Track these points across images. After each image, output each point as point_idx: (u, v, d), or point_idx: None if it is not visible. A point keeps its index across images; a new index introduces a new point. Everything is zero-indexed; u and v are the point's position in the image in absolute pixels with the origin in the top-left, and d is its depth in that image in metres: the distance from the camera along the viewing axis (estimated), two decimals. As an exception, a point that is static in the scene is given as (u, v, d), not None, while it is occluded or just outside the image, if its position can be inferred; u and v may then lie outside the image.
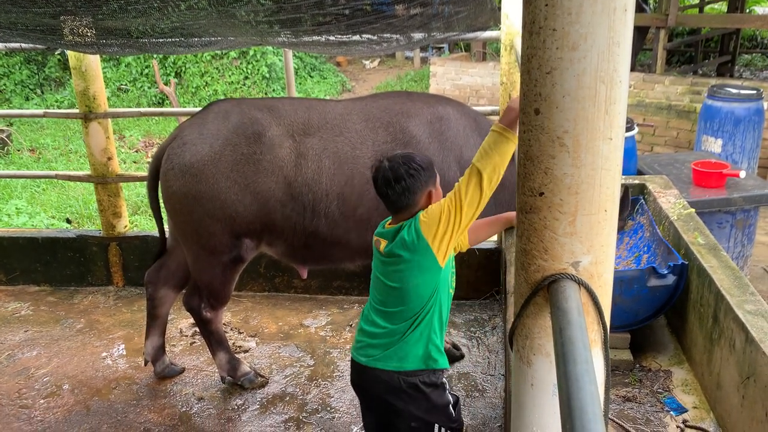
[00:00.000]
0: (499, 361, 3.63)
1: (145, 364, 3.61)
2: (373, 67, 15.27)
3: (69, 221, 7.00)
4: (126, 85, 12.52)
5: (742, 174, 4.42)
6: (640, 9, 10.20)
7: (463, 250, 2.52)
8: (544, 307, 1.53)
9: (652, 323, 2.95)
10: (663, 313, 2.87)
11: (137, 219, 6.93)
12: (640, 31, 10.41)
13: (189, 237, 3.20)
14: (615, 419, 2.45)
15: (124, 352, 3.88)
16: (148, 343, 3.55)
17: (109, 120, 4.48)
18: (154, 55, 11.27)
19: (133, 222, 6.58)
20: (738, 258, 4.42)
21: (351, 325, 4.05)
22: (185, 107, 11.38)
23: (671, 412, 2.48)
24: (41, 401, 3.44)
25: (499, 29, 3.86)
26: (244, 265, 3.28)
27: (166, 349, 3.67)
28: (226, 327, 3.97)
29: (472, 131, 3.29)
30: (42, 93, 12.71)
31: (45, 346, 3.96)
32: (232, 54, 12.34)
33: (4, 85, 12.55)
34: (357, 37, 3.34)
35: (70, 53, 4.25)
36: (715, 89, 6.83)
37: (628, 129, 5.15)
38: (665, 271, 2.70)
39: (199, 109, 3.39)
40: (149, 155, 9.52)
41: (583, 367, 1.20)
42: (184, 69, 12.48)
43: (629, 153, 4.95)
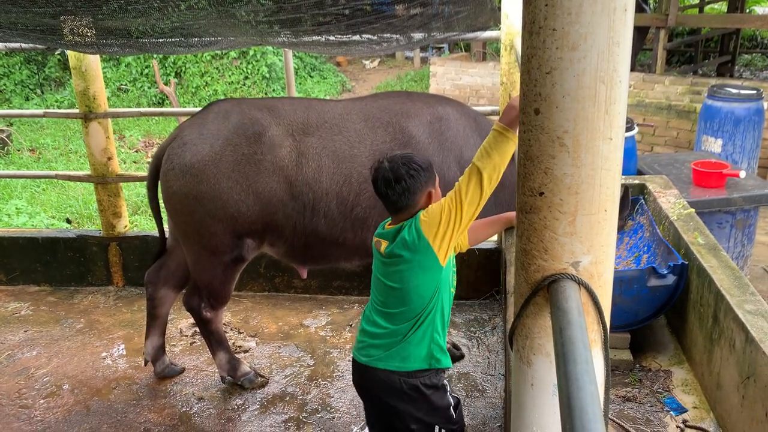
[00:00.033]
0: (499, 361, 3.63)
1: (145, 364, 3.61)
2: (373, 67, 15.27)
3: (69, 221, 7.00)
4: (126, 85, 12.52)
5: (742, 174, 4.42)
6: (640, 9, 10.20)
7: (463, 251, 2.52)
8: (544, 307, 1.53)
9: (652, 323, 2.95)
10: (663, 313, 2.87)
11: (137, 219, 6.93)
12: (640, 31, 10.41)
13: (190, 237, 3.20)
14: (615, 419, 2.45)
15: (124, 352, 3.88)
16: (148, 343, 3.56)
17: (109, 120, 4.49)
18: (154, 55, 11.27)
19: (133, 222, 6.58)
20: (738, 258, 4.42)
21: (351, 325, 4.05)
22: (185, 107, 11.38)
23: (671, 412, 2.48)
24: (41, 401, 3.44)
25: (499, 29, 3.85)
26: (245, 265, 3.28)
27: (166, 349, 3.67)
28: (226, 327, 3.97)
29: (472, 131, 3.29)
30: (42, 93, 12.71)
31: (45, 346, 3.96)
32: (232, 54, 12.34)
33: (4, 85, 12.56)
34: (357, 37, 3.35)
35: (70, 53, 4.25)
36: (715, 89, 6.83)
37: (628, 129, 5.15)
38: (665, 271, 2.70)
39: (199, 109, 3.39)
40: (149, 155, 9.52)
41: (583, 367, 1.20)
42: (184, 69, 12.48)
43: (629, 153, 4.95)
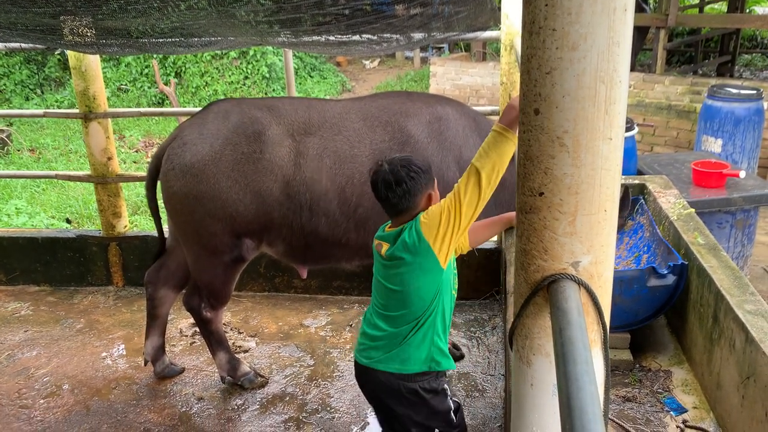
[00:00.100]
0: (499, 361, 3.63)
1: (145, 364, 3.61)
2: (373, 67, 15.27)
3: (69, 221, 7.00)
4: (126, 85, 12.52)
5: (742, 174, 4.42)
6: (640, 9, 10.20)
7: (464, 252, 2.52)
8: (544, 307, 1.53)
9: (651, 323, 2.95)
10: (663, 313, 2.87)
11: (137, 219, 6.93)
12: (640, 31, 10.41)
13: (190, 237, 3.20)
14: (615, 419, 2.45)
15: (124, 352, 3.88)
16: (148, 343, 3.55)
17: (109, 120, 4.48)
18: (154, 55, 11.27)
19: (132, 222, 6.57)
20: (738, 258, 4.42)
21: (351, 325, 4.05)
22: (185, 107, 11.38)
23: (671, 412, 2.48)
24: (41, 401, 3.44)
25: (499, 29, 3.85)
26: (245, 265, 3.28)
27: (166, 349, 3.67)
28: (226, 327, 3.97)
29: (472, 131, 3.29)
30: (42, 93, 12.71)
31: (45, 346, 3.96)
32: (232, 54, 12.34)
33: (4, 85, 12.56)
34: (357, 37, 3.34)
35: (70, 53, 4.25)
36: (715, 89, 6.83)
37: (628, 129, 5.14)
38: (665, 271, 2.70)
39: (199, 109, 3.39)
40: (149, 155, 9.52)
41: (583, 368, 1.20)
42: (184, 69, 12.48)
43: (629, 153, 4.95)
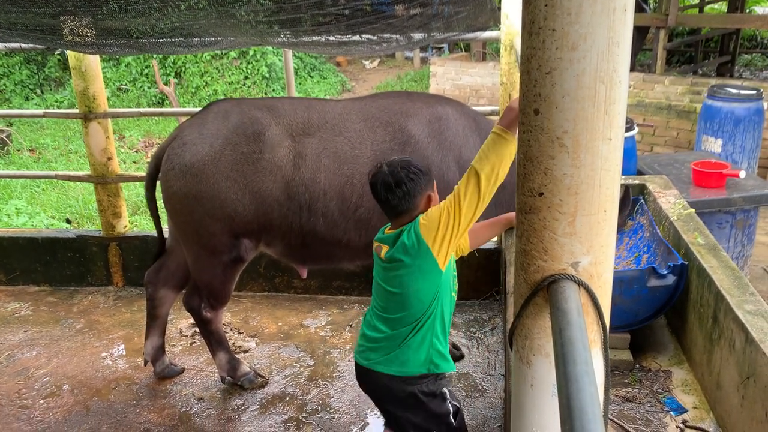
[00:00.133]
0: (499, 361, 3.63)
1: (145, 365, 3.61)
2: (373, 67, 15.27)
3: (69, 221, 7.00)
4: (126, 85, 12.52)
5: (742, 174, 4.42)
6: (640, 9, 10.20)
7: (465, 254, 2.52)
8: (544, 308, 1.53)
9: (651, 323, 2.95)
10: (663, 313, 2.87)
11: (137, 219, 6.93)
12: (640, 31, 10.41)
13: (189, 237, 3.20)
14: (615, 419, 2.45)
15: (124, 353, 3.88)
16: (148, 343, 3.55)
17: (109, 120, 4.48)
18: (154, 55, 11.27)
19: (132, 222, 6.58)
20: (738, 258, 4.42)
21: (351, 326, 4.05)
22: (185, 107, 11.38)
23: (671, 413, 2.48)
24: (41, 401, 3.44)
25: (499, 29, 3.85)
26: (244, 266, 3.27)
27: (166, 349, 3.67)
28: (225, 327, 3.97)
29: (472, 131, 3.29)
30: (42, 93, 12.72)
31: (45, 346, 3.96)
32: (232, 54, 12.34)
33: (4, 85, 12.56)
34: (357, 38, 3.34)
35: (69, 53, 4.25)
36: (715, 89, 6.83)
37: (628, 129, 5.14)
38: (665, 272, 2.70)
39: (198, 109, 3.39)
40: (149, 155, 9.52)
41: (583, 368, 1.20)
42: (183, 69, 12.48)
43: (629, 153, 4.95)
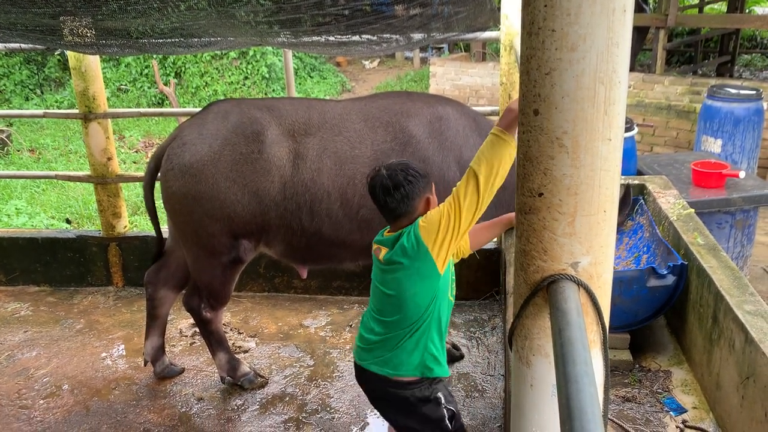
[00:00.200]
0: (499, 361, 3.63)
1: (145, 365, 3.61)
2: (373, 68, 15.27)
3: (69, 221, 7.00)
4: (126, 85, 12.52)
5: (742, 174, 4.42)
6: (639, 9, 10.20)
7: (465, 256, 2.51)
8: (544, 308, 1.53)
9: (651, 324, 2.95)
10: (662, 313, 2.87)
11: (137, 219, 6.93)
12: (640, 32, 10.41)
13: (189, 237, 3.20)
14: (614, 419, 2.45)
15: (124, 353, 3.88)
16: (148, 343, 3.55)
17: (109, 120, 4.48)
18: (154, 56, 11.27)
19: (132, 222, 6.58)
20: (737, 258, 4.42)
21: (351, 326, 4.05)
22: (185, 107, 11.38)
23: (671, 413, 2.48)
24: (41, 401, 3.44)
25: (499, 30, 3.85)
26: (244, 266, 3.27)
27: (166, 349, 3.67)
28: (225, 327, 3.97)
29: (472, 131, 3.29)
30: (42, 93, 12.71)
31: (45, 346, 3.96)
32: (232, 54, 12.35)
33: (4, 85, 12.56)
34: (357, 38, 3.35)
35: (69, 53, 4.25)
36: (714, 89, 6.83)
37: (628, 129, 5.14)
38: (665, 272, 2.70)
39: (198, 109, 3.39)
40: (149, 155, 9.51)
41: (583, 368, 1.20)
42: (183, 69, 12.48)
43: (629, 153, 4.95)
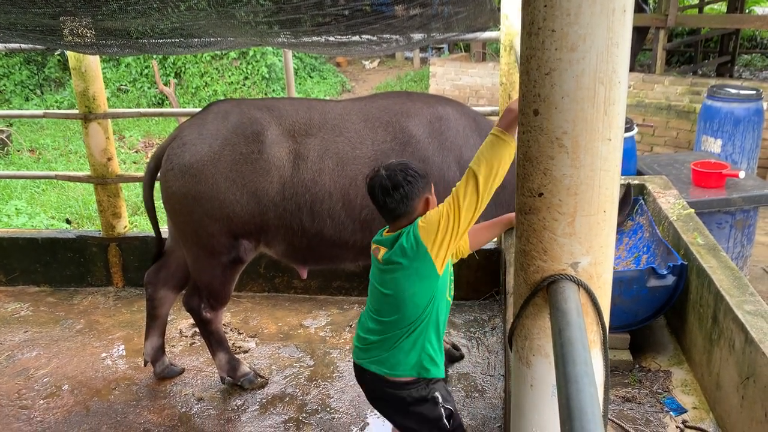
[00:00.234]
0: (499, 361, 3.63)
1: (145, 365, 3.61)
2: (373, 68, 15.27)
3: (69, 222, 7.00)
4: (126, 85, 12.52)
5: (742, 174, 4.42)
6: (639, 9, 10.20)
7: (464, 256, 2.51)
8: (544, 308, 1.53)
9: (651, 324, 2.95)
10: (662, 313, 2.87)
11: (137, 219, 6.93)
12: (640, 32, 10.41)
13: (188, 237, 3.20)
14: (614, 420, 2.45)
15: (124, 353, 3.88)
16: (148, 343, 3.55)
17: (109, 120, 4.48)
18: (154, 56, 11.27)
19: (132, 222, 6.58)
20: (737, 258, 4.42)
21: (351, 326, 4.05)
22: (185, 108, 11.38)
23: (671, 413, 2.48)
24: (41, 402, 3.44)
25: (499, 30, 3.85)
26: (244, 266, 3.27)
27: (166, 349, 3.67)
28: (225, 327, 3.97)
29: (472, 131, 3.29)
30: (42, 93, 12.71)
31: (45, 346, 3.96)
32: (232, 54, 12.35)
33: (4, 85, 12.55)
34: (357, 38, 3.35)
35: (69, 54, 4.25)
36: (714, 89, 6.83)
37: (628, 129, 5.14)
38: (665, 272, 2.70)
39: (198, 109, 3.39)
40: (149, 156, 9.51)
41: (583, 368, 1.20)
42: (183, 69, 12.48)
43: (628, 153, 4.95)
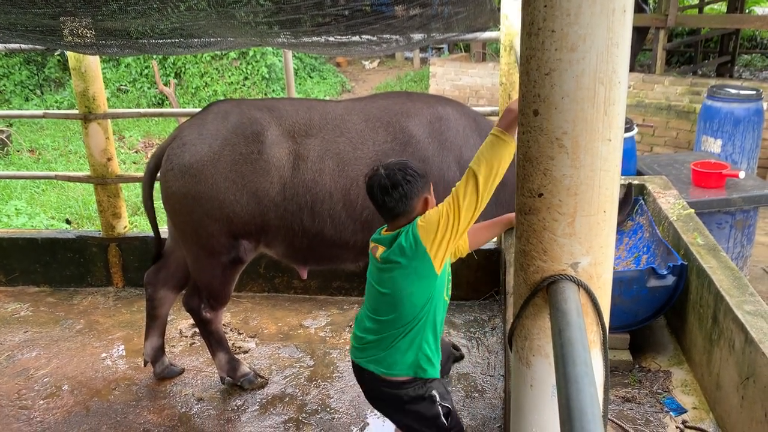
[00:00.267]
0: (499, 361, 3.63)
1: (145, 365, 3.61)
2: (373, 68, 15.27)
3: (68, 222, 7.00)
4: (126, 85, 12.52)
5: (742, 174, 4.42)
6: (639, 9, 10.20)
7: (464, 255, 2.51)
8: (543, 308, 1.53)
9: (651, 324, 2.95)
10: (662, 313, 2.87)
11: (137, 220, 6.93)
12: (640, 32, 10.41)
13: (188, 237, 3.20)
14: (614, 420, 2.45)
15: (124, 353, 3.87)
16: (148, 343, 3.55)
17: (109, 121, 4.49)
18: (154, 56, 11.27)
19: (132, 223, 6.57)
20: (737, 258, 4.42)
21: (351, 326, 4.05)
22: (185, 108, 11.38)
23: (671, 413, 2.48)
24: (41, 402, 3.44)
25: (499, 30, 3.85)
26: (244, 266, 3.27)
27: (166, 349, 3.67)
28: (225, 328, 3.97)
29: (472, 131, 3.29)
30: (42, 94, 12.71)
31: (44, 346, 3.95)
32: (232, 54, 12.35)
33: (4, 85, 12.55)
34: (356, 38, 3.35)
35: (69, 54, 4.25)
36: (714, 89, 6.83)
37: (628, 129, 5.14)
38: (665, 272, 2.70)
39: (198, 109, 3.39)
40: (149, 156, 9.50)
41: (582, 369, 1.20)
42: (183, 69, 12.48)
43: (628, 153, 4.95)
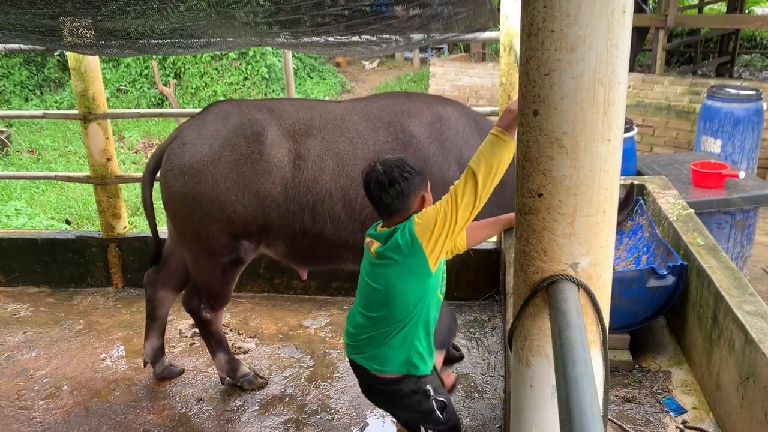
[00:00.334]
0: (499, 362, 3.63)
1: (145, 366, 3.61)
2: (373, 68, 15.27)
3: (68, 222, 6.99)
4: (125, 86, 12.52)
5: (742, 174, 4.42)
6: (639, 9, 10.21)
7: (461, 252, 2.52)
8: (543, 309, 1.53)
9: (651, 324, 2.95)
10: (662, 313, 2.87)
11: (136, 220, 6.93)
12: (640, 32, 10.42)
13: (188, 238, 3.20)
14: (614, 420, 2.45)
15: (124, 354, 3.87)
16: (148, 344, 3.55)
17: (109, 121, 4.48)
18: (154, 56, 11.27)
19: (132, 223, 6.57)
20: (737, 258, 4.42)
21: (350, 326, 4.05)
22: (185, 108, 11.38)
23: (671, 413, 2.48)
24: (40, 402, 3.44)
25: (499, 30, 3.85)
26: (244, 267, 3.27)
27: (166, 350, 3.67)
28: (225, 328, 3.97)
29: (472, 131, 3.29)
30: (41, 94, 12.71)
31: (44, 347, 3.95)
32: (232, 55, 12.35)
33: (4, 86, 12.55)
34: (356, 38, 3.35)
35: (69, 54, 4.25)
36: (714, 90, 6.83)
37: (627, 130, 5.14)
38: (664, 272, 2.70)
39: (198, 110, 3.39)
40: (148, 156, 9.50)
41: (582, 369, 1.20)
42: (183, 70, 12.48)
43: (628, 154, 4.95)
